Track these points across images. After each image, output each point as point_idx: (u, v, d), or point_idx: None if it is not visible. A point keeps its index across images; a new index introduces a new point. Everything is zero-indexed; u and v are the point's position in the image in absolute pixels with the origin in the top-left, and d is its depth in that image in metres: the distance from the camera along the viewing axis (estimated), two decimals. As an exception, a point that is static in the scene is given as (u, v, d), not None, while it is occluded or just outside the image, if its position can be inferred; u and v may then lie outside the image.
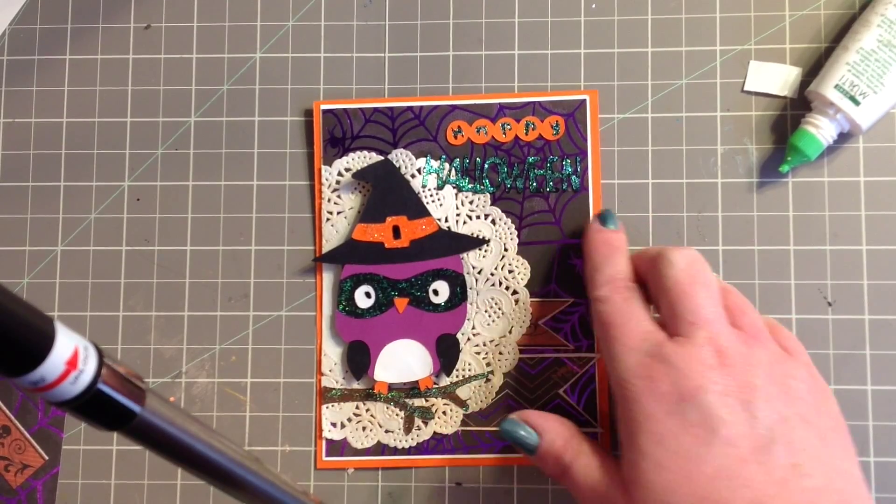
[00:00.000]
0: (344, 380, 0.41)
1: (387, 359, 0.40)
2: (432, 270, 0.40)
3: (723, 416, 0.31)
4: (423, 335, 0.40)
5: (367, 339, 0.41)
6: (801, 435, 0.32)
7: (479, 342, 0.40)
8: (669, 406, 0.32)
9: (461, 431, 0.40)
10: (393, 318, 0.41)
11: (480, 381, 0.40)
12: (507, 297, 0.41)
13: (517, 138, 0.41)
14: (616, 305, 0.36)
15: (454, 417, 0.40)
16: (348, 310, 0.41)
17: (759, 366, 0.33)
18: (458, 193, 0.41)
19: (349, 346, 0.41)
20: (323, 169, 0.42)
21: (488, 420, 0.40)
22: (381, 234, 0.41)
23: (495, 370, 0.40)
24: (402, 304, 0.41)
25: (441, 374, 0.40)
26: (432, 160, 0.41)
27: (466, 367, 0.40)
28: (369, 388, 0.41)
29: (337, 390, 0.41)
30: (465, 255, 0.41)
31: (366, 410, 0.41)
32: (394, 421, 0.41)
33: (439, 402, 0.40)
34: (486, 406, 0.40)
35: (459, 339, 0.40)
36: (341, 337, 0.41)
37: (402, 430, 0.40)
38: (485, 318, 0.41)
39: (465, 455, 0.40)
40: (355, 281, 0.41)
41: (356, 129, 0.42)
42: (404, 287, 0.41)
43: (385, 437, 0.41)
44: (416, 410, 0.40)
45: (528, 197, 0.41)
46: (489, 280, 0.41)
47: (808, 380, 0.34)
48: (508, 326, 0.40)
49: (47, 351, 0.20)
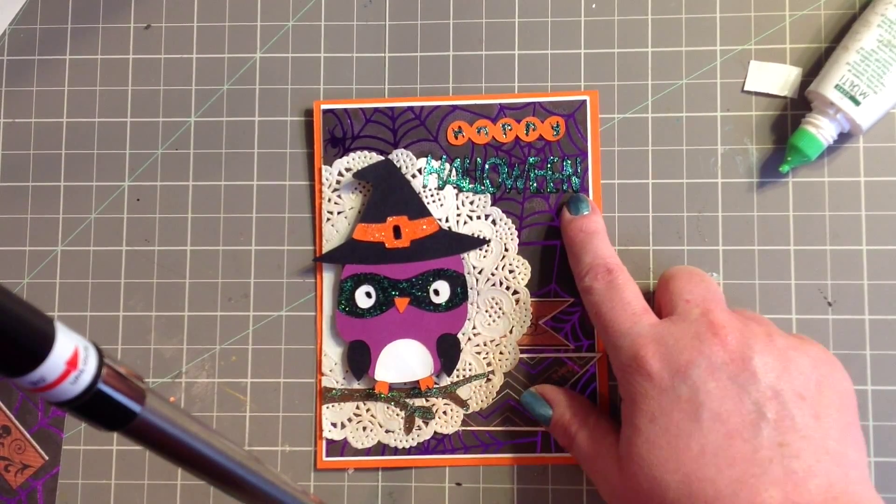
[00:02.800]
0: (344, 380, 0.41)
1: (387, 358, 0.40)
2: (433, 270, 0.40)
3: (710, 390, 0.31)
4: (423, 335, 0.40)
5: (367, 338, 0.41)
6: (793, 412, 0.31)
7: (479, 342, 0.41)
8: (662, 383, 0.32)
9: (462, 431, 0.40)
10: (393, 317, 0.41)
11: (481, 380, 0.40)
12: (508, 296, 0.41)
13: (518, 139, 0.41)
14: (600, 294, 0.36)
15: (455, 417, 0.40)
16: (349, 309, 0.41)
17: (754, 338, 0.32)
18: (458, 194, 0.41)
19: (349, 346, 0.41)
20: (323, 169, 0.42)
21: (488, 420, 0.40)
22: (381, 234, 0.41)
23: (496, 370, 0.40)
24: (403, 303, 0.41)
25: (442, 374, 0.40)
26: (433, 160, 0.41)
27: (467, 366, 0.40)
28: (370, 388, 0.41)
29: (337, 390, 0.41)
30: (466, 255, 0.41)
31: (366, 410, 0.41)
32: (394, 421, 0.41)
33: (440, 402, 0.40)
34: (487, 406, 0.40)
35: (460, 339, 0.40)
36: (342, 337, 0.41)
37: (402, 429, 0.40)
38: (485, 317, 0.41)
39: (466, 455, 0.40)
40: (356, 281, 0.41)
41: (356, 129, 0.42)
42: (405, 287, 0.41)
43: (385, 437, 0.40)
44: (417, 410, 0.40)
45: (528, 197, 0.41)
46: (490, 280, 0.41)
47: (815, 353, 0.33)
48: (509, 326, 0.40)
49: (47, 351, 0.20)
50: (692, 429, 0.31)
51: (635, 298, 0.35)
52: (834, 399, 0.32)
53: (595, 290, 0.36)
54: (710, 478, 0.30)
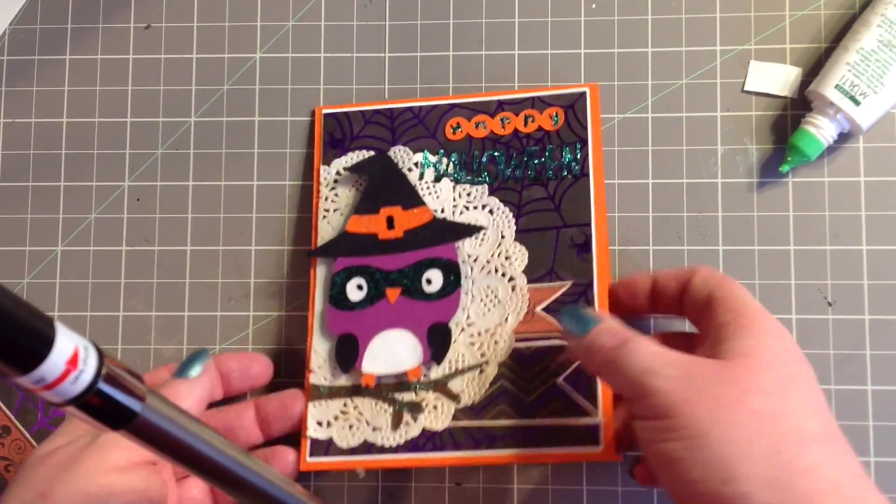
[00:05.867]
0: (332, 376, 0.39)
1: (376, 349, 0.39)
2: (426, 260, 0.39)
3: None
4: (414, 324, 0.39)
5: (356, 331, 0.39)
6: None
7: (473, 332, 0.39)
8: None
9: (452, 428, 0.38)
10: (384, 308, 0.39)
11: (474, 372, 0.38)
12: (504, 283, 0.39)
13: (516, 130, 0.41)
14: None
15: (445, 412, 0.38)
16: (339, 303, 0.40)
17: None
18: (455, 185, 0.41)
19: (338, 340, 0.40)
20: (322, 169, 0.42)
21: (481, 414, 0.38)
22: (374, 225, 0.40)
23: (490, 360, 0.38)
24: (394, 294, 0.39)
25: (431, 364, 0.39)
26: (430, 154, 0.41)
27: (460, 357, 0.38)
28: (357, 383, 0.39)
29: (325, 388, 0.39)
30: (461, 244, 0.40)
31: (353, 407, 0.39)
32: (381, 417, 0.38)
33: (430, 396, 0.38)
34: (480, 399, 0.38)
35: (452, 329, 0.39)
36: (331, 331, 0.40)
37: (389, 426, 0.38)
38: (479, 306, 0.39)
39: (456, 453, 0.38)
40: (347, 273, 0.40)
41: (356, 130, 0.42)
42: (396, 278, 0.39)
43: (372, 436, 0.38)
44: (406, 406, 0.38)
45: (526, 186, 0.40)
46: (485, 268, 0.39)
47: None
48: (504, 314, 0.39)
49: (47, 351, 0.20)
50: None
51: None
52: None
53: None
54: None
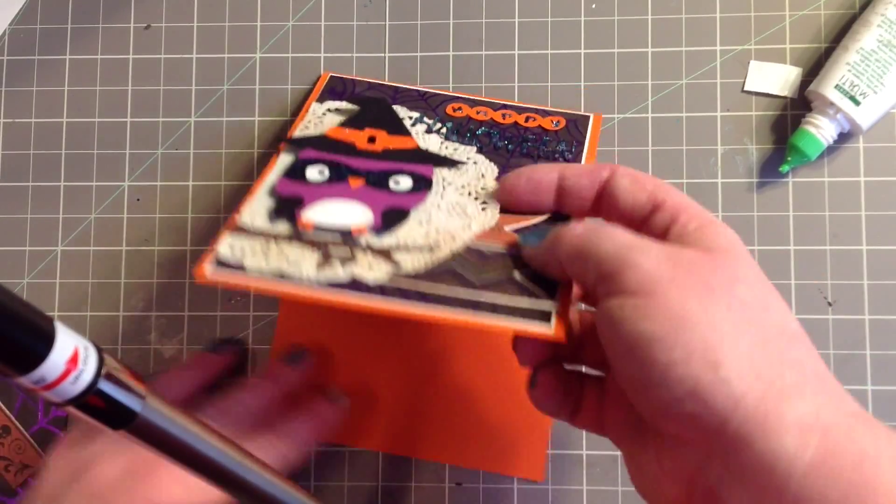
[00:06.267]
0: (263, 224, 0.33)
1: (322, 208, 0.34)
2: (399, 169, 0.36)
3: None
4: (371, 203, 0.34)
5: (305, 194, 0.34)
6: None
7: (431, 229, 0.33)
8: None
9: (385, 285, 0.30)
10: (342, 188, 0.35)
11: (423, 251, 0.32)
12: (475, 204, 0.34)
13: (516, 123, 0.40)
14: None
15: (381, 271, 0.31)
16: (294, 175, 0.35)
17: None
18: (443, 141, 0.38)
19: (282, 198, 0.34)
20: (313, 105, 0.40)
21: (420, 281, 0.30)
22: (354, 137, 0.37)
23: (443, 248, 0.32)
24: (357, 182, 0.35)
25: (382, 233, 0.32)
26: (426, 118, 0.39)
27: (410, 238, 0.32)
28: (290, 234, 0.32)
29: (251, 227, 0.32)
30: (439, 169, 0.36)
31: (277, 245, 0.32)
32: (307, 259, 0.31)
33: (367, 256, 0.31)
34: (423, 271, 0.31)
35: (411, 216, 0.33)
36: (279, 193, 0.34)
37: (314, 267, 0.31)
38: (444, 214, 0.34)
39: (383, 299, 0.30)
40: (311, 162, 0.36)
41: (358, 91, 0.41)
42: (363, 174, 0.35)
43: (290, 269, 0.31)
44: (339, 256, 0.31)
45: (516, 157, 0.37)
46: (459, 191, 0.35)
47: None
48: (468, 223, 0.33)
49: (48, 351, 0.20)
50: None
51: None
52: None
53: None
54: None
